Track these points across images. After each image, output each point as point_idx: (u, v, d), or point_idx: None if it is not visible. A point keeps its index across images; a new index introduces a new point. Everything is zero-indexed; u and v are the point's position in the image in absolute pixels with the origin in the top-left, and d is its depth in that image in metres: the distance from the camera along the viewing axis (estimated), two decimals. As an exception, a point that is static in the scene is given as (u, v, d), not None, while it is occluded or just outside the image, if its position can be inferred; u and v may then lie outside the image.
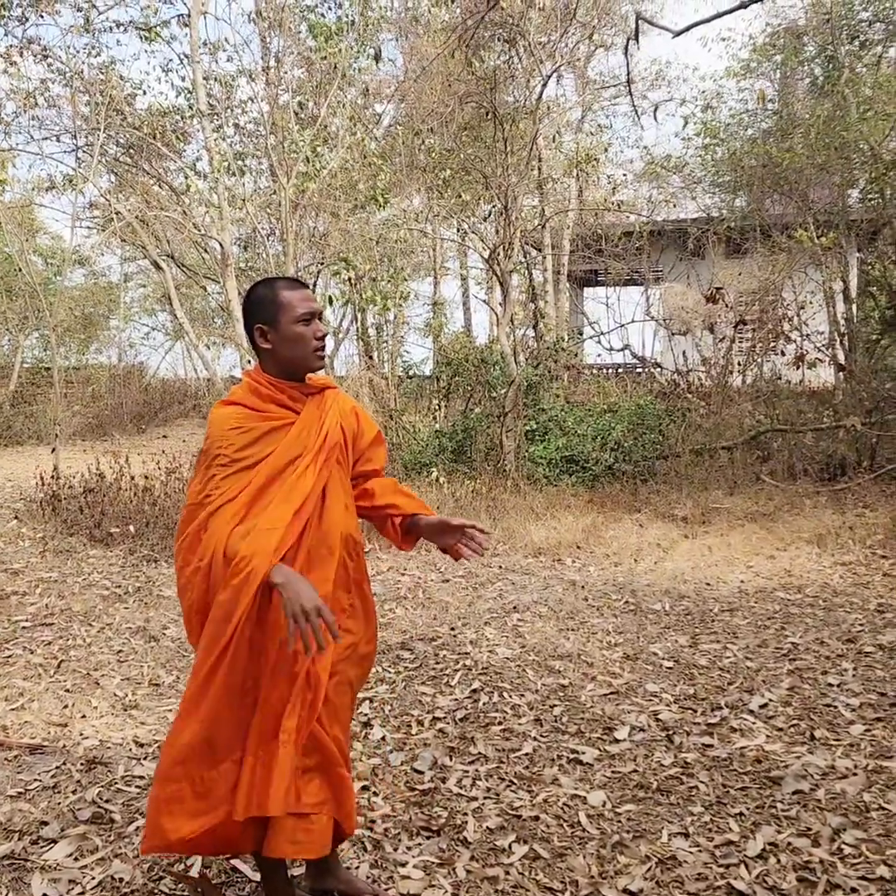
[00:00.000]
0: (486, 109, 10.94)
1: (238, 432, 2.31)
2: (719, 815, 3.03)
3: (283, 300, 2.37)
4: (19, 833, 2.87)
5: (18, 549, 7.35)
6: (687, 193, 16.29)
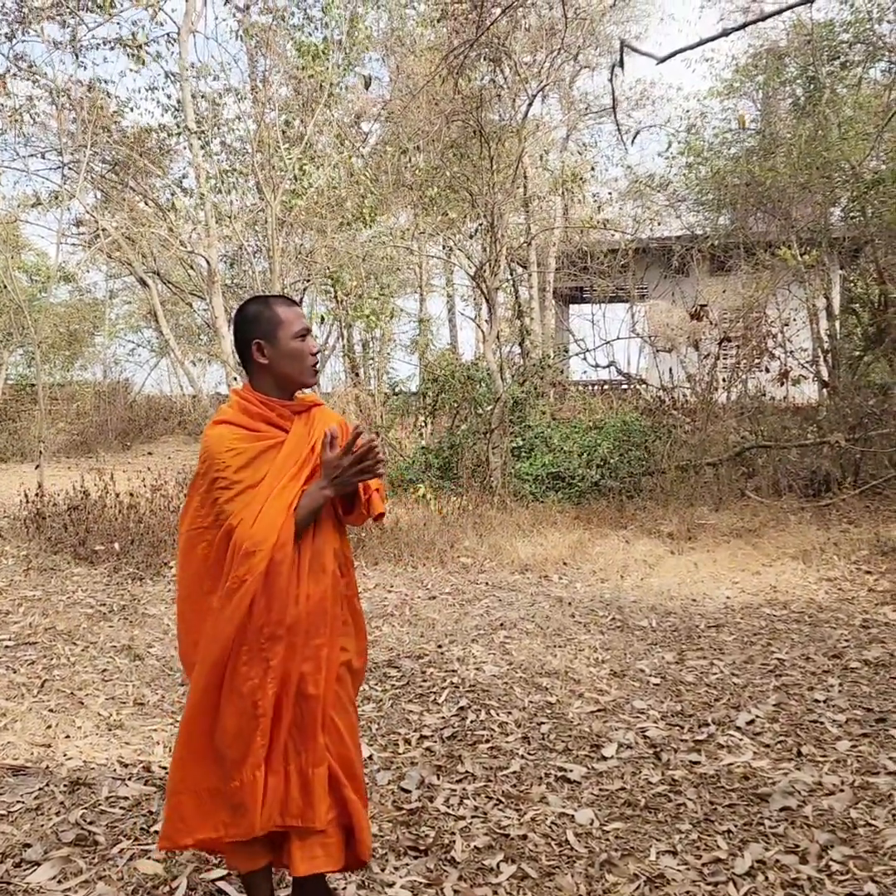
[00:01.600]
0: (472, 128, 11.02)
1: (233, 454, 2.32)
2: (707, 832, 3.02)
3: (281, 316, 2.40)
4: (2, 856, 2.83)
5: (1, 567, 7.28)
6: (671, 211, 16.42)
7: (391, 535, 8.23)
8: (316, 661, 2.27)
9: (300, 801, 2.23)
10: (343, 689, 2.37)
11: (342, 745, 2.31)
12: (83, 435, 19.96)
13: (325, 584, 2.30)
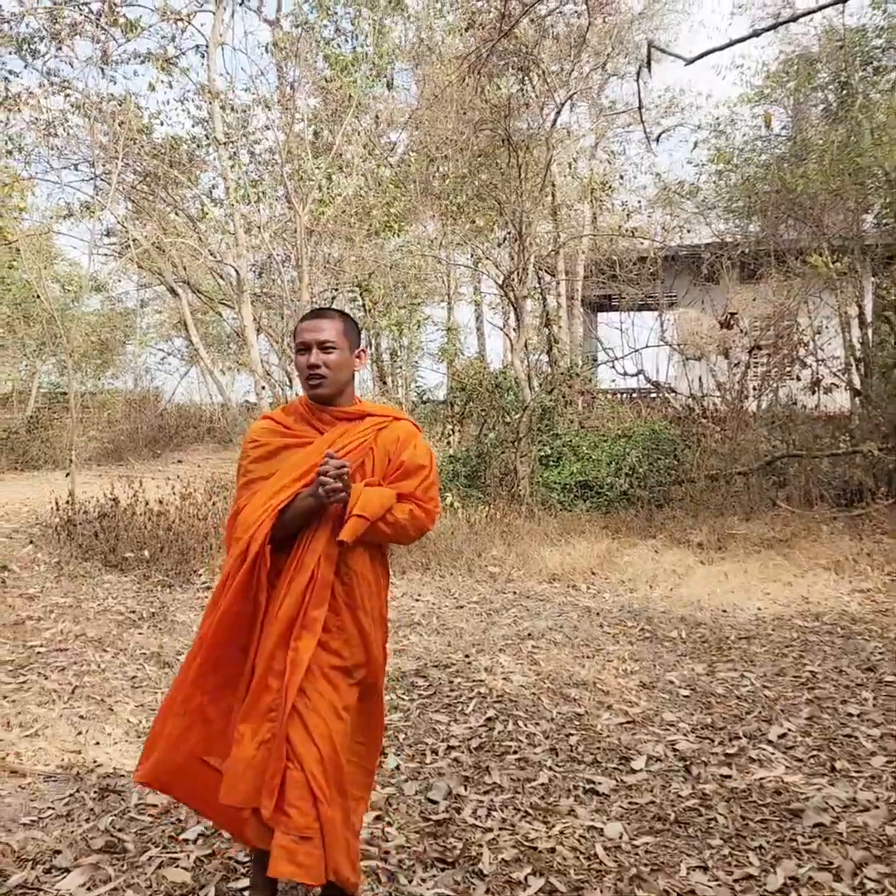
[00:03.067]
0: (500, 137, 11.03)
1: (253, 446, 2.54)
2: (739, 848, 2.98)
3: (296, 331, 2.58)
4: (32, 862, 2.85)
5: (34, 573, 7.36)
6: (700, 219, 16.30)
7: (418, 543, 8.22)
8: (286, 654, 2.34)
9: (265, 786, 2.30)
10: (336, 695, 2.39)
11: (310, 749, 2.31)
12: (114, 443, 20.15)
13: (300, 584, 2.36)
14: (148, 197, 14.67)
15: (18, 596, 6.55)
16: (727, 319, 11.79)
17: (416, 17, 13.26)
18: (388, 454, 2.54)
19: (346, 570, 2.43)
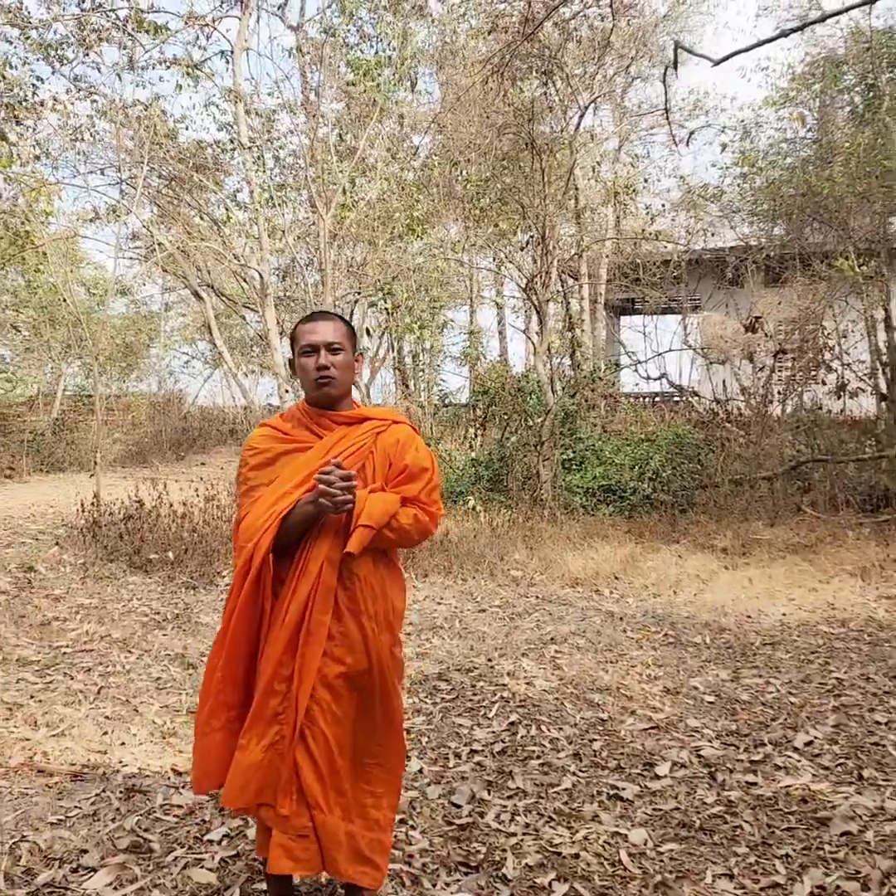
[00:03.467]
0: (523, 140, 11.02)
1: (253, 453, 2.53)
2: (765, 856, 2.96)
3: (297, 334, 2.56)
4: (60, 861, 2.87)
5: (59, 574, 7.42)
6: (725, 222, 16.21)
7: (441, 547, 8.23)
8: (294, 660, 2.36)
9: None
10: (337, 703, 2.39)
11: (306, 760, 2.35)
12: (138, 445, 20.31)
13: (304, 590, 2.36)
14: (173, 201, 14.78)
15: (45, 597, 6.62)
16: (752, 323, 11.72)
17: (439, 22, 13.29)
18: (388, 457, 2.52)
19: (350, 575, 2.41)
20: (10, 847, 2.95)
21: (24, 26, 11.23)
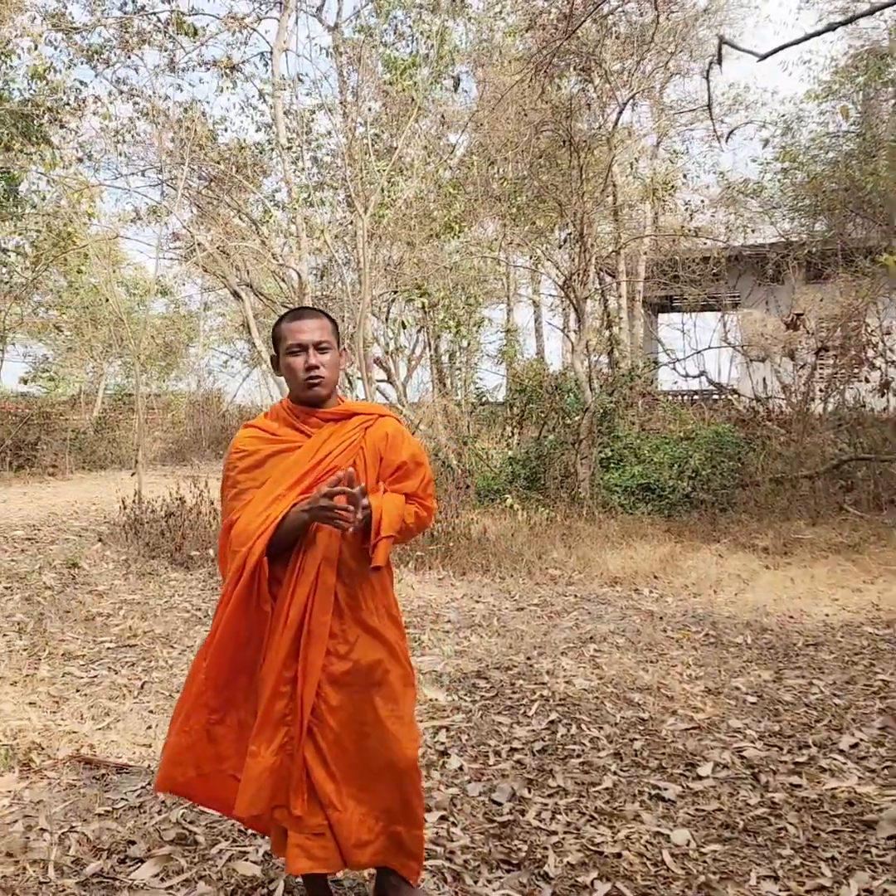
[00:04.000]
0: (561, 137, 10.97)
1: (240, 456, 2.47)
2: (810, 858, 2.92)
3: (282, 332, 2.49)
4: (108, 851, 2.92)
5: (102, 571, 7.54)
6: (765, 218, 16.03)
7: (478, 545, 8.23)
8: (297, 662, 2.34)
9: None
10: (345, 699, 2.38)
11: (317, 760, 2.35)
12: (177, 443, 20.56)
13: (303, 591, 2.34)
14: (212, 201, 14.93)
15: (88, 592, 6.72)
16: (793, 320, 11.58)
17: (476, 20, 13.28)
18: (378, 452, 2.49)
19: (348, 573, 2.39)
20: (60, 837, 3.01)
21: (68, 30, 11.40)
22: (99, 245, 14.72)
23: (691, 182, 16.88)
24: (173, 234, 17.09)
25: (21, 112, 11.09)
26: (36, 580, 7.05)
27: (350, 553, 2.39)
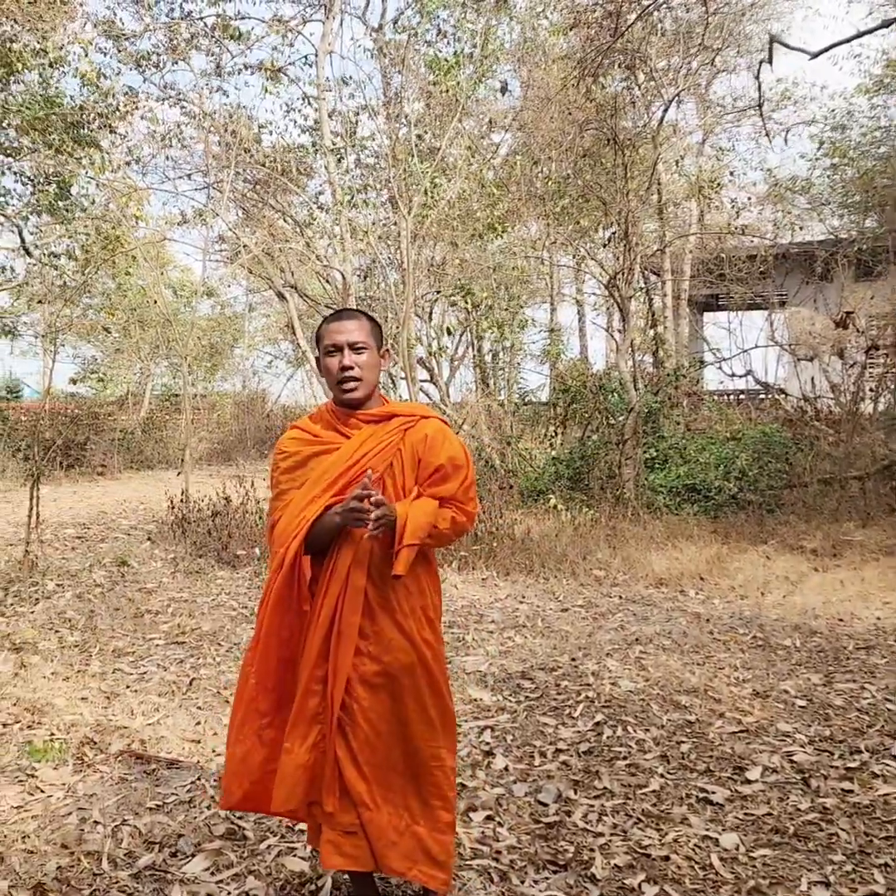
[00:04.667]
0: (605, 136, 10.91)
1: (283, 457, 2.51)
2: (862, 864, 2.88)
3: (321, 333, 2.51)
4: (159, 845, 2.97)
5: (151, 569, 7.65)
6: (813, 215, 15.80)
7: (522, 545, 8.22)
8: (327, 660, 2.36)
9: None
10: (376, 700, 2.38)
11: (348, 759, 2.35)
12: (223, 443, 20.79)
13: (335, 591, 2.36)
14: (257, 204, 15.08)
15: (137, 590, 6.83)
16: (842, 318, 11.39)
17: (518, 20, 13.26)
18: (416, 454, 2.46)
19: (380, 574, 2.38)
20: (113, 830, 3.06)
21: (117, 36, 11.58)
22: (147, 248, 14.94)
23: (738, 179, 16.70)
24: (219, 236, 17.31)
25: (72, 117, 11.29)
26: (87, 578, 7.18)
27: (382, 555, 2.39)
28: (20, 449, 15.51)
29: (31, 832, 3.04)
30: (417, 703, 2.42)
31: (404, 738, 2.40)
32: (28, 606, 6.19)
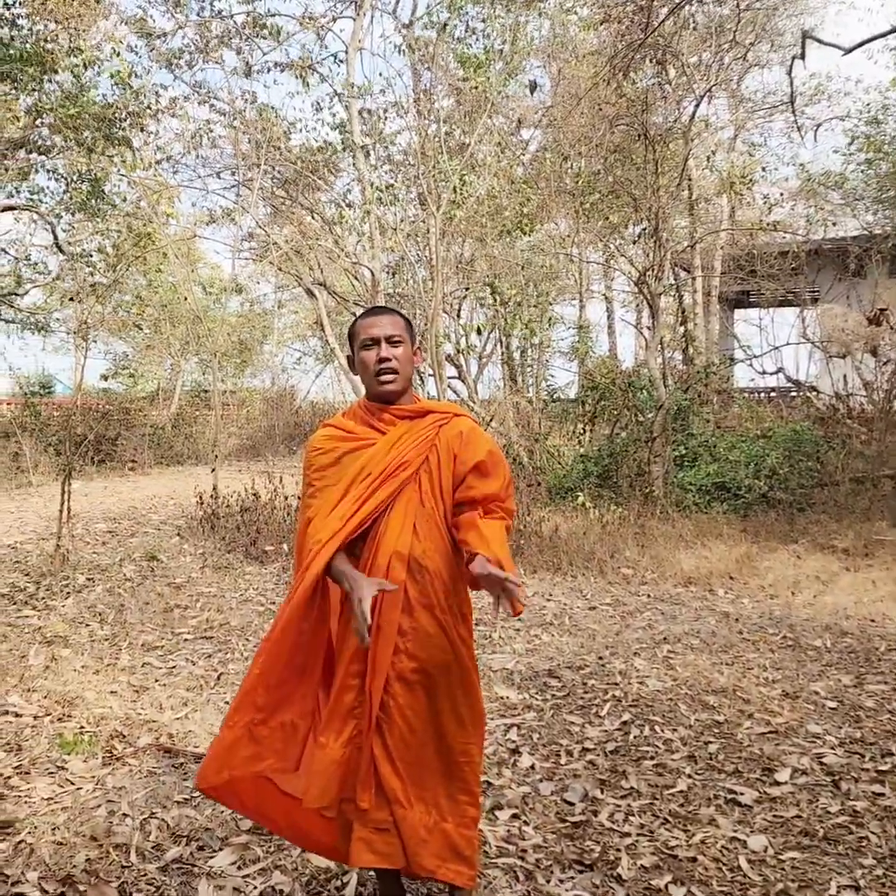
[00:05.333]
0: (636, 131, 10.83)
1: (318, 453, 2.49)
2: (893, 869, 2.84)
3: (355, 329, 2.51)
4: (186, 838, 2.99)
5: (181, 564, 7.71)
6: (847, 211, 15.59)
7: (550, 543, 8.19)
8: (366, 655, 2.34)
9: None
10: (413, 697, 2.36)
11: (384, 756, 2.33)
12: (252, 439, 20.90)
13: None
14: (286, 202, 15.15)
15: (167, 585, 6.89)
16: (876, 315, 11.23)
17: (548, 15, 13.20)
18: (451, 449, 2.44)
19: (419, 569, 2.36)
20: (141, 823, 3.09)
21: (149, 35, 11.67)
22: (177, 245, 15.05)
23: (770, 175, 16.52)
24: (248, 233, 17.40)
25: (104, 116, 11.40)
26: (117, 572, 7.25)
27: (422, 550, 2.37)
28: (52, 444, 15.69)
29: (61, 824, 3.08)
30: (451, 699, 2.41)
31: (437, 735, 2.40)
32: (59, 600, 6.27)
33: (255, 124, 12.80)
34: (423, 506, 2.40)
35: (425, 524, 2.39)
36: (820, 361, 14.87)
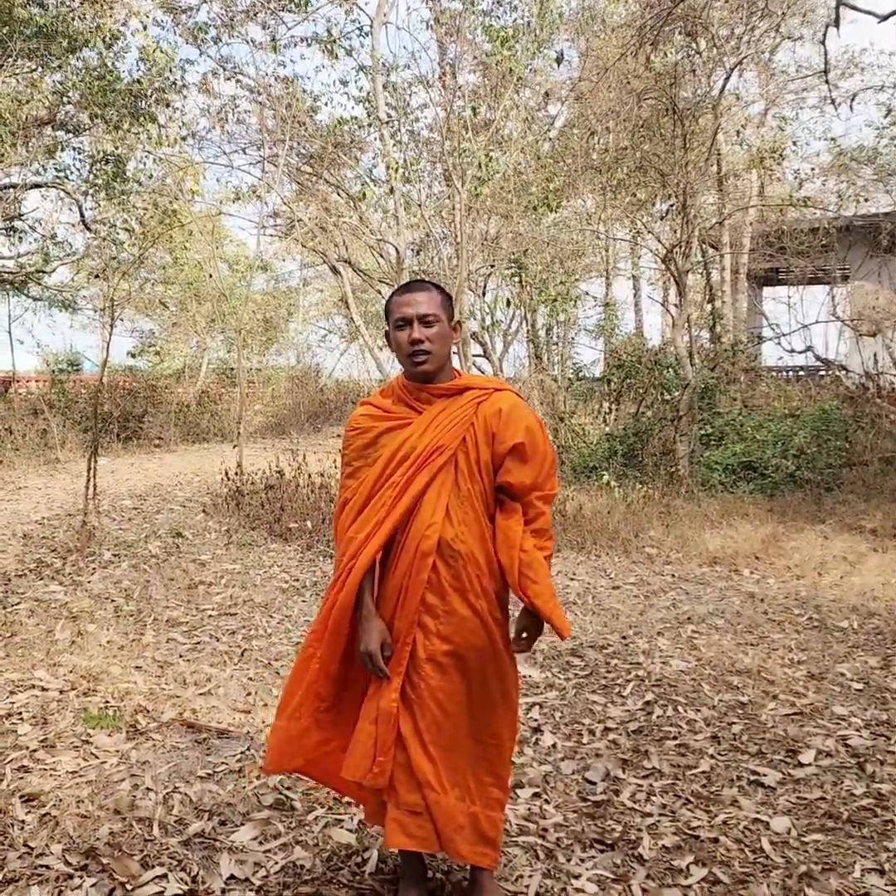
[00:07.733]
0: (664, 106, 10.66)
1: (356, 433, 2.48)
2: (919, 853, 2.81)
3: (391, 306, 2.46)
4: (209, 813, 3.01)
5: (205, 541, 7.75)
6: (879, 186, 15.30)
7: (574, 522, 8.16)
8: (393, 634, 2.37)
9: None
10: (445, 680, 2.34)
11: (415, 738, 2.33)
12: (277, 417, 20.96)
13: (408, 556, 2.35)
14: (311, 178, 15.07)
15: (192, 562, 6.93)
16: (908, 293, 11.05)
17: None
18: (489, 427, 2.37)
19: (452, 553, 2.33)
20: (164, 797, 3.11)
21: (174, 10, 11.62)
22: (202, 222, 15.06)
23: (800, 149, 16.23)
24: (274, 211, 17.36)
25: (130, 92, 11.38)
26: (142, 548, 7.31)
27: (455, 534, 2.34)
28: (79, 421, 15.81)
29: (86, 797, 3.11)
30: (484, 683, 2.40)
31: (470, 718, 2.38)
32: (85, 576, 6.32)
33: (281, 100, 12.73)
34: (458, 488, 2.37)
35: (459, 507, 2.36)
36: (850, 340, 14.68)
